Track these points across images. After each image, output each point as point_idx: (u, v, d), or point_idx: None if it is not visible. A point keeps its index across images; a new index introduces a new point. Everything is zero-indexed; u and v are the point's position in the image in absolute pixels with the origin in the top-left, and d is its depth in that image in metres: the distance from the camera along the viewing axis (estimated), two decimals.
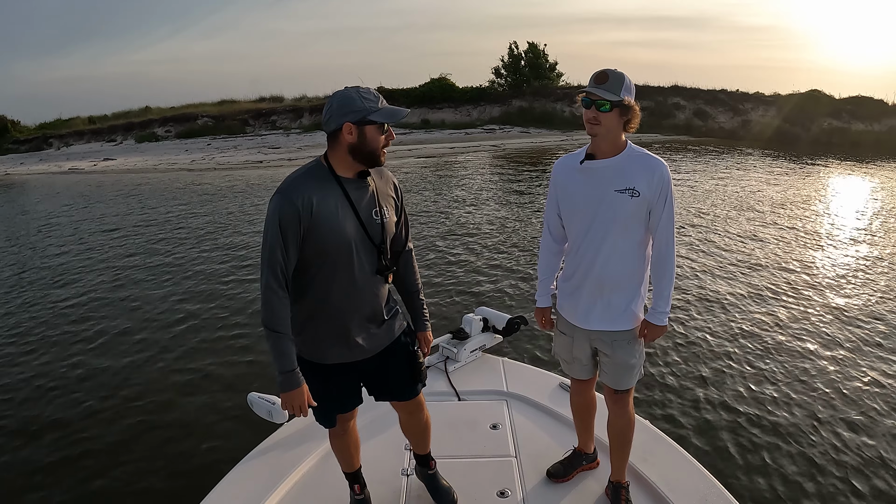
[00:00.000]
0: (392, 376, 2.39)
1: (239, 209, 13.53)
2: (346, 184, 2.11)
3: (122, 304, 7.57)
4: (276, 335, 2.06)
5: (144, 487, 3.95)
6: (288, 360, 2.08)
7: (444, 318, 6.38)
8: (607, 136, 2.26)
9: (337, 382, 2.32)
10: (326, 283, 2.14)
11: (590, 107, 2.22)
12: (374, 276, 2.21)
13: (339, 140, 2.06)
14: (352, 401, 2.42)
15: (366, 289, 2.21)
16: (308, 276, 2.13)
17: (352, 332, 2.23)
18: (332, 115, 2.04)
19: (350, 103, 2.01)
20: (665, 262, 2.37)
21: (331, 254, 2.09)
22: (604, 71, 2.22)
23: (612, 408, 2.57)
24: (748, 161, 19.63)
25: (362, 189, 2.15)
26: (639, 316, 2.44)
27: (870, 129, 24.99)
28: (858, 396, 4.76)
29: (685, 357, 5.47)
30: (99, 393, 5.26)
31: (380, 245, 2.19)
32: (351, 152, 2.07)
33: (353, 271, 2.14)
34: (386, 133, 2.08)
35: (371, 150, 2.07)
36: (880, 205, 12.69)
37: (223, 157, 24.82)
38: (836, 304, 6.80)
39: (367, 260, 2.18)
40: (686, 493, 2.56)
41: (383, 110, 2.05)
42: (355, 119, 2.01)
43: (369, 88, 2.07)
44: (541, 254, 2.68)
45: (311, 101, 35.60)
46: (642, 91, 29.36)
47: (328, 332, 2.21)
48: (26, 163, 27.46)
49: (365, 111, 2.01)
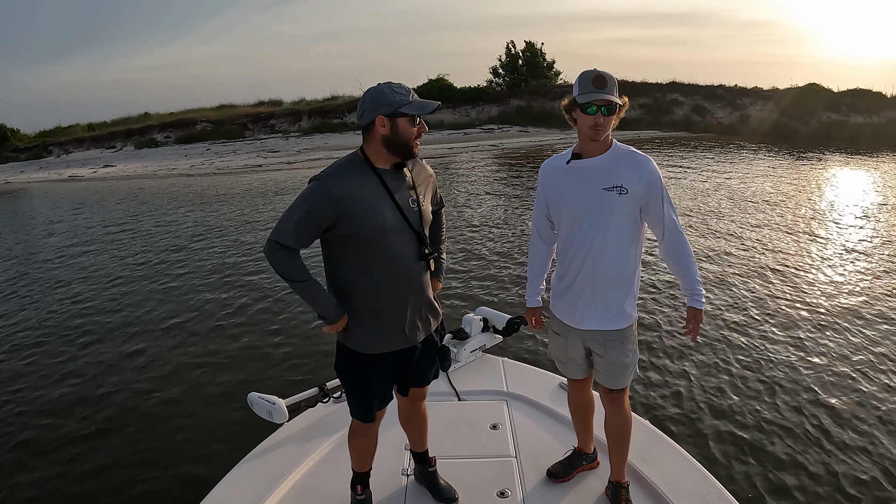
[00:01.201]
0: (417, 364, 2.45)
1: (238, 213, 13.54)
2: (383, 174, 2.18)
3: (121, 305, 7.58)
4: (298, 283, 2.18)
5: (144, 487, 3.95)
6: (325, 298, 2.21)
7: (445, 317, 6.35)
8: (604, 138, 2.28)
9: (382, 373, 2.36)
10: (373, 272, 2.19)
11: (594, 112, 2.20)
12: (417, 264, 2.26)
13: (374, 133, 2.14)
14: (390, 395, 2.47)
15: (411, 276, 2.26)
16: (354, 267, 2.20)
17: (402, 321, 2.28)
18: (365, 110, 2.13)
19: (382, 97, 2.09)
20: (680, 247, 2.38)
21: (373, 241, 2.15)
22: (601, 75, 2.21)
23: (608, 407, 2.58)
24: (747, 156, 19.63)
25: (399, 179, 2.23)
26: (631, 315, 2.43)
27: (868, 122, 24.98)
28: (860, 396, 4.73)
29: (685, 357, 5.46)
30: (99, 393, 5.27)
31: (419, 232, 2.25)
32: (385, 144, 2.14)
33: (396, 258, 2.20)
34: (418, 125, 2.15)
35: (404, 142, 2.14)
36: (881, 198, 12.67)
37: (222, 161, 24.84)
38: (837, 304, 6.78)
39: (409, 247, 2.23)
40: (686, 493, 2.56)
41: (414, 103, 2.12)
42: (387, 112, 2.09)
43: (401, 83, 2.14)
44: (530, 255, 2.69)
45: (310, 104, 35.67)
46: (640, 88, 29.49)
47: (382, 321, 2.26)
48: (26, 171, 27.55)
49: (396, 104, 2.09)
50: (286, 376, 5.31)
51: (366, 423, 2.44)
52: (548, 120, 29.81)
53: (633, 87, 29.09)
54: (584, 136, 2.28)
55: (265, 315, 6.85)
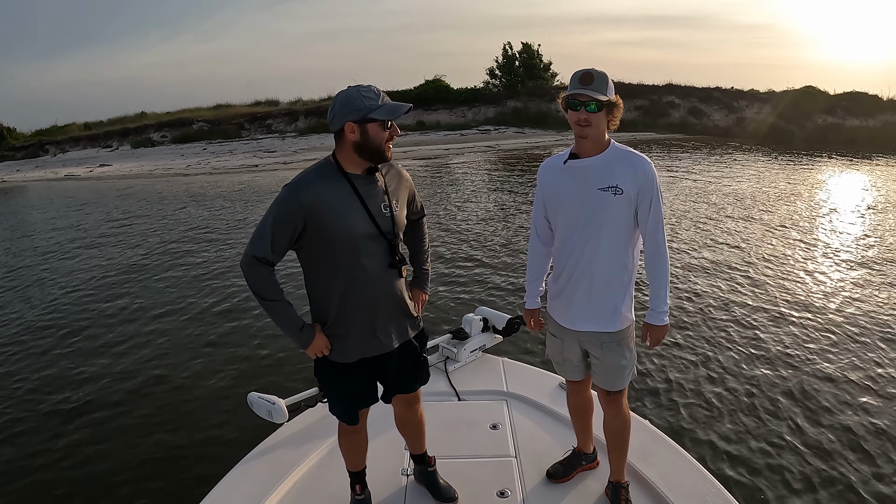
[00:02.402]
0: (398, 372, 2.42)
1: (234, 212, 13.52)
2: (354, 180, 2.16)
3: (120, 305, 7.55)
4: (270, 303, 2.17)
5: (144, 487, 3.95)
6: (292, 320, 2.18)
7: (445, 318, 6.39)
8: (594, 136, 2.26)
9: (358, 378, 2.35)
10: (342, 279, 2.17)
11: (578, 108, 2.21)
12: (388, 271, 2.24)
13: (344, 139, 2.11)
14: (372, 397, 2.45)
15: (381, 283, 2.23)
16: (324, 274, 2.18)
17: (372, 327, 2.26)
18: (335, 115, 2.09)
19: (351, 103, 2.06)
20: (658, 261, 2.34)
21: (342, 248, 2.13)
22: (588, 71, 2.20)
23: (606, 409, 2.57)
24: (742, 158, 19.68)
25: (371, 184, 2.20)
26: (628, 317, 2.41)
27: (864, 125, 25.07)
28: (859, 396, 4.75)
29: (684, 357, 5.47)
30: (98, 393, 5.26)
31: (391, 239, 2.22)
32: (356, 150, 2.12)
33: (366, 265, 2.18)
34: (389, 129, 2.12)
35: (375, 147, 2.11)
36: (877, 200, 12.72)
37: (219, 161, 24.80)
38: (837, 304, 6.81)
39: (379, 254, 2.21)
40: (686, 493, 2.56)
41: (384, 107, 2.08)
42: (357, 118, 2.05)
43: (370, 87, 2.10)
44: (529, 256, 2.68)
45: (307, 104, 35.61)
46: (637, 90, 29.52)
47: (351, 328, 2.24)
48: (22, 170, 27.46)
49: (366, 109, 2.05)
50: (286, 376, 5.30)
51: (352, 424, 2.44)
52: (544, 121, 29.84)
53: (630, 89, 29.13)
54: (575, 134, 2.28)
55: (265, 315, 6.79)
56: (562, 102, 2.28)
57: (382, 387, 2.49)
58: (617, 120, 2.28)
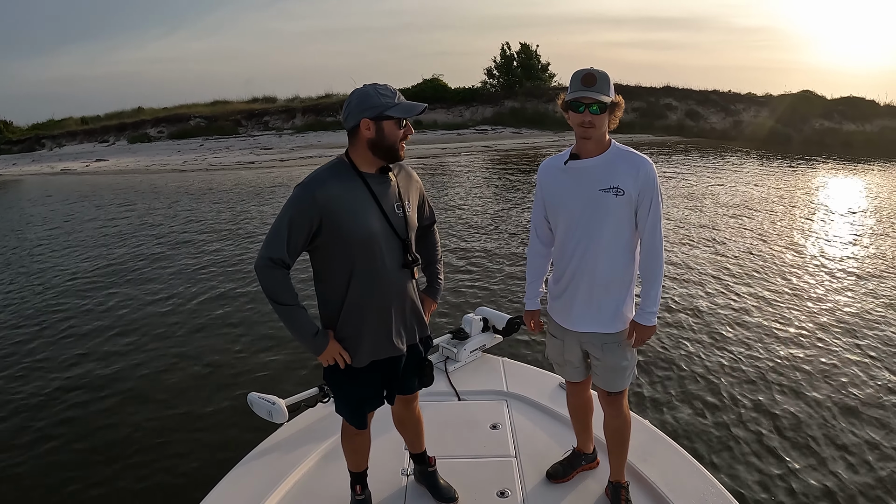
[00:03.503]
0: (403, 373, 2.42)
1: (232, 209, 13.48)
2: (368, 179, 2.15)
3: (119, 305, 7.53)
4: (285, 307, 2.12)
5: (144, 487, 3.94)
6: (307, 326, 2.15)
7: (445, 318, 6.39)
8: (596, 137, 2.25)
9: (368, 382, 2.34)
10: (356, 278, 2.16)
11: (581, 110, 2.19)
12: (400, 271, 2.24)
13: (359, 136, 2.10)
14: (380, 399, 2.45)
15: (394, 284, 2.23)
16: (339, 274, 2.17)
17: (383, 328, 2.25)
18: (350, 112, 2.08)
19: (367, 100, 2.06)
20: (653, 261, 2.34)
21: (356, 247, 2.12)
22: (590, 72, 2.19)
23: (606, 409, 2.57)
24: (738, 162, 19.72)
25: (384, 184, 2.19)
26: (628, 318, 2.41)
27: (861, 130, 25.16)
28: (860, 395, 4.78)
29: (684, 356, 5.49)
30: (98, 393, 5.23)
31: (404, 239, 2.22)
32: (370, 148, 2.11)
33: (379, 265, 2.17)
34: (404, 128, 2.12)
35: (390, 145, 2.11)
36: (874, 204, 12.77)
37: (215, 157, 24.73)
38: (837, 305, 6.83)
39: (393, 254, 2.20)
40: (686, 493, 2.57)
41: (400, 105, 2.08)
42: (373, 115, 2.05)
43: (386, 85, 2.10)
44: (529, 257, 2.67)
45: (304, 101, 35.54)
46: (634, 92, 29.54)
47: (363, 329, 2.23)
48: (19, 164, 27.33)
49: (382, 107, 2.05)
50: (286, 376, 5.29)
51: (361, 428, 2.44)
52: (541, 122, 29.86)
53: (628, 91, 29.11)
54: (577, 135, 2.27)
55: (265, 314, 6.79)
56: (562, 104, 2.27)
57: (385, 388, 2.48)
58: (618, 119, 2.27)
